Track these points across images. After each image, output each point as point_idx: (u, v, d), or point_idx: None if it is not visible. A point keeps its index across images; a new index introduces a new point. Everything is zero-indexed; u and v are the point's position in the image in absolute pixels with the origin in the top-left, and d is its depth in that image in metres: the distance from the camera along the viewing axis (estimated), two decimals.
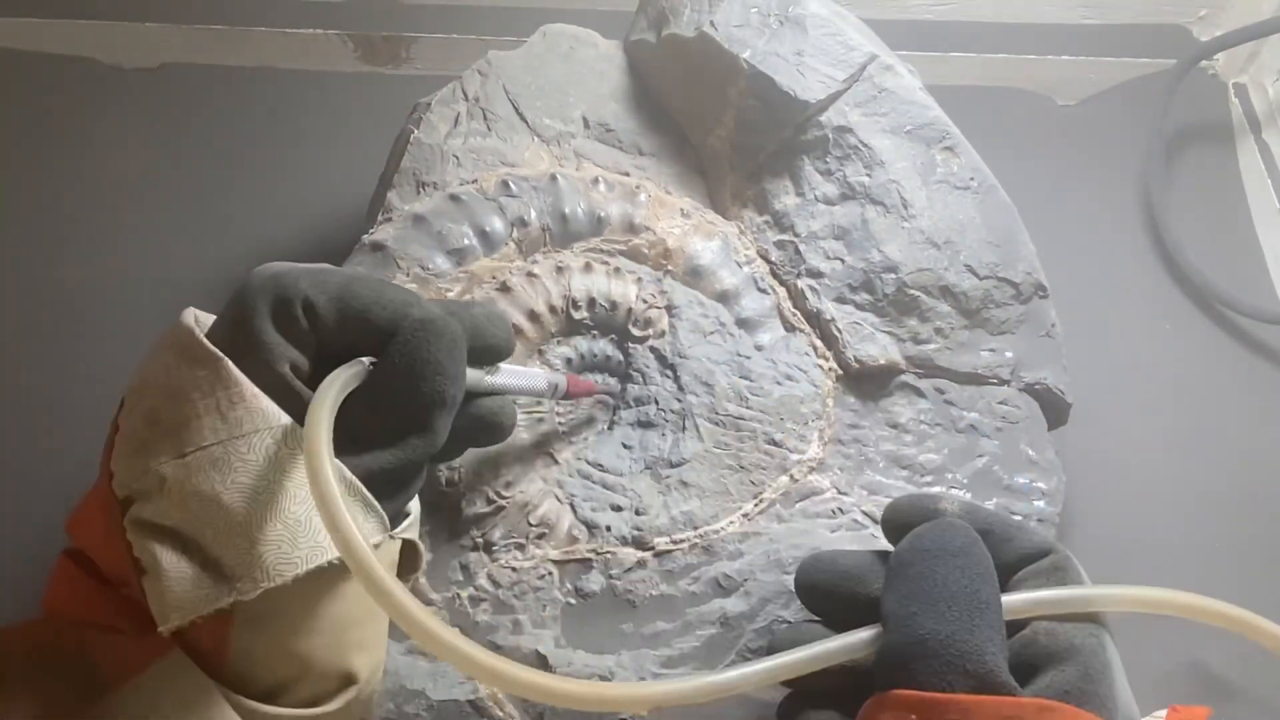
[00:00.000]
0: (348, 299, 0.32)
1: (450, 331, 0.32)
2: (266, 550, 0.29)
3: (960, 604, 0.30)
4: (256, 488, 0.29)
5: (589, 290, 0.45)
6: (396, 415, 0.32)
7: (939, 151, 0.47)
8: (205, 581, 0.29)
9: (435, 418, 0.32)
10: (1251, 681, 0.46)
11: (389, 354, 0.32)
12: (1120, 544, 0.49)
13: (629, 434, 0.44)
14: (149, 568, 0.29)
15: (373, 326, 0.32)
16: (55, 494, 0.49)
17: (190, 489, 0.29)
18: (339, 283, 0.32)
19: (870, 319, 0.45)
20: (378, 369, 0.32)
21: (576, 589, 0.41)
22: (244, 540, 0.29)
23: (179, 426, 0.30)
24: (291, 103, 0.64)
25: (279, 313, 0.31)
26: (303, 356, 0.32)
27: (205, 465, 0.29)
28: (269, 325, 0.31)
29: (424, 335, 0.32)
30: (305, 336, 0.32)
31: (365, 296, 0.32)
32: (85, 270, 0.58)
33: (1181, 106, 0.61)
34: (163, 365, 0.31)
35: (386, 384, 0.32)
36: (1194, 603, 0.33)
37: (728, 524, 0.42)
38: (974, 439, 0.44)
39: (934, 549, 0.31)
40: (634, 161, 0.49)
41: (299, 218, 0.60)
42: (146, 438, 0.30)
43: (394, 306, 0.32)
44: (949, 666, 0.29)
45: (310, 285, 0.31)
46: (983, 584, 0.31)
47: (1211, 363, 0.55)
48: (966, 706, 0.28)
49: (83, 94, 0.65)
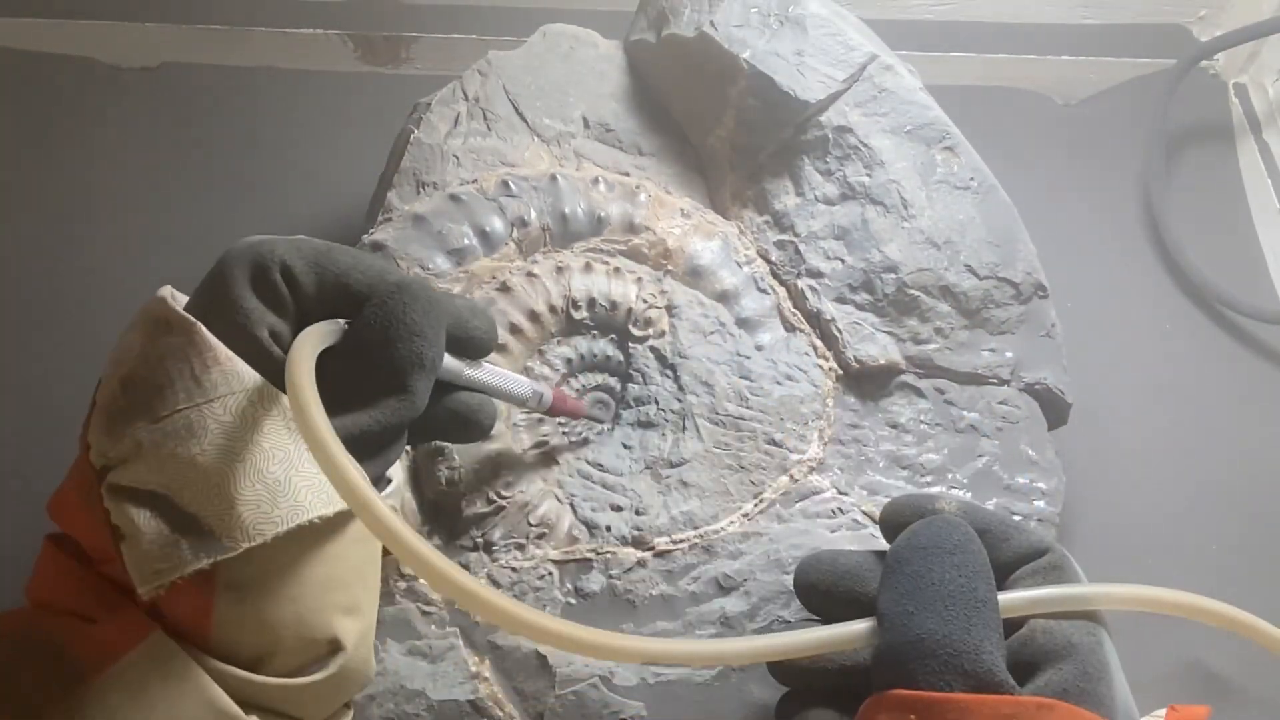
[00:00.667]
0: (326, 264, 0.32)
1: (426, 294, 0.32)
2: (245, 510, 0.29)
3: (957, 603, 0.30)
4: (233, 449, 0.29)
5: (589, 290, 0.45)
6: (373, 377, 0.32)
7: (939, 151, 0.47)
8: (184, 543, 0.28)
9: (413, 379, 0.32)
10: (1251, 681, 0.46)
11: (365, 315, 0.32)
12: (1120, 544, 0.49)
13: (629, 434, 0.44)
14: (127, 532, 0.28)
15: (351, 292, 0.32)
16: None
17: (166, 452, 0.29)
18: (317, 248, 0.32)
19: (870, 319, 0.45)
20: (353, 329, 0.32)
21: (576, 589, 0.41)
22: (222, 500, 0.29)
23: (153, 393, 0.29)
24: (291, 103, 0.64)
25: (257, 278, 0.31)
26: (282, 322, 0.32)
27: (180, 429, 0.29)
28: (247, 291, 0.31)
29: (400, 297, 0.32)
30: (284, 302, 0.31)
31: (344, 262, 0.32)
32: (85, 270, 0.58)
33: (1181, 106, 0.61)
34: (136, 337, 0.31)
35: (363, 345, 0.32)
36: (1191, 602, 0.33)
37: (728, 524, 0.42)
38: (974, 439, 0.44)
39: (930, 546, 0.31)
40: (634, 161, 0.49)
41: (299, 218, 0.60)
42: (122, 406, 0.30)
43: (372, 271, 0.32)
44: (947, 666, 0.29)
45: (287, 251, 0.31)
46: (979, 582, 0.30)
47: (1211, 363, 0.55)
48: (965, 706, 0.28)
49: (83, 94, 0.65)
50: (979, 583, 0.30)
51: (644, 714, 0.38)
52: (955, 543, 0.31)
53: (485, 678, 0.39)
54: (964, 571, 0.30)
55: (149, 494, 0.29)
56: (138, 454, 0.29)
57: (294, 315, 0.32)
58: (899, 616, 0.30)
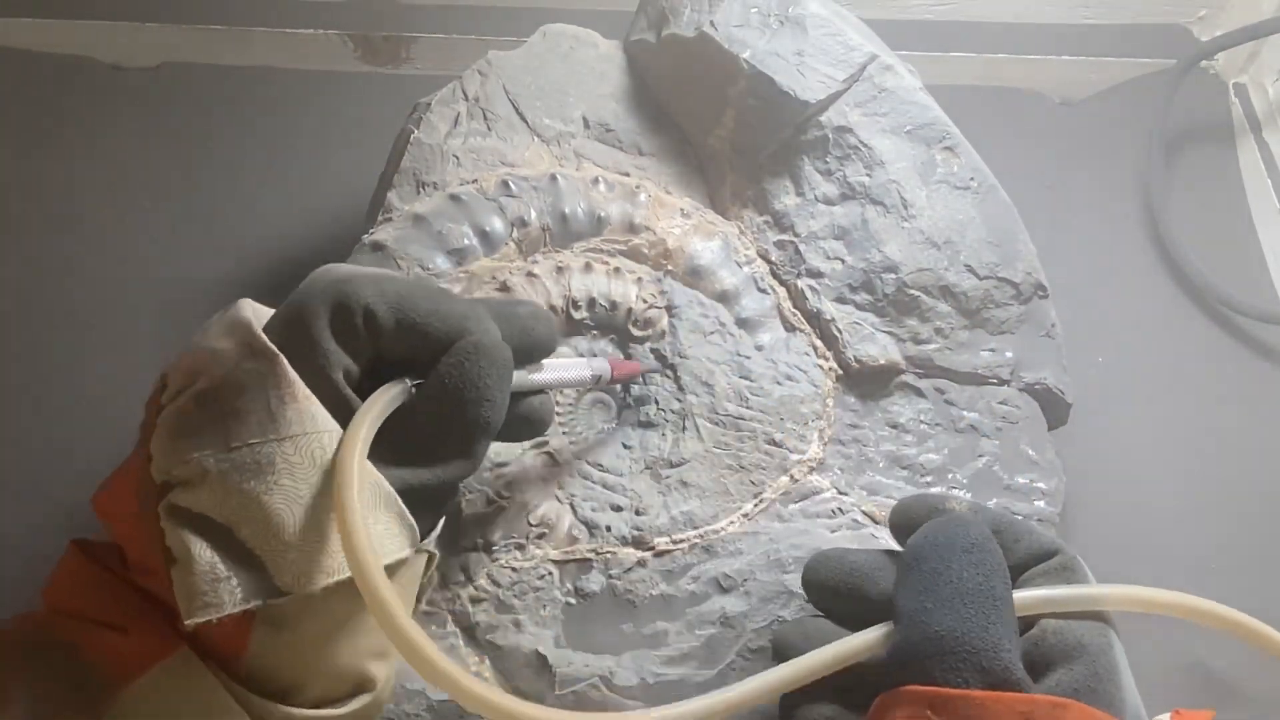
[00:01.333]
0: (407, 309, 0.32)
1: (502, 359, 0.32)
2: (299, 556, 0.29)
3: (975, 600, 0.30)
4: (298, 492, 0.29)
5: (589, 290, 0.45)
6: (440, 436, 0.32)
7: (939, 151, 0.47)
8: (236, 580, 0.28)
9: (477, 444, 0.33)
10: (1256, 684, 0.45)
11: (440, 372, 0.32)
12: (1120, 544, 0.49)
13: (629, 434, 0.44)
14: (180, 557, 0.28)
15: (430, 339, 0.32)
16: (53, 491, 0.49)
17: (232, 485, 0.29)
18: (400, 292, 0.32)
19: (870, 319, 0.45)
20: (428, 384, 0.32)
21: (576, 589, 0.41)
22: (278, 543, 0.29)
23: (226, 417, 0.29)
24: (291, 103, 0.64)
25: (338, 319, 0.31)
26: (354, 364, 0.32)
27: (249, 462, 0.29)
28: (327, 331, 0.31)
29: (478, 361, 0.32)
30: (362, 345, 0.32)
31: (424, 307, 0.32)
32: (85, 269, 0.58)
33: (1181, 107, 0.61)
34: (216, 352, 0.30)
35: (434, 404, 0.32)
36: (1202, 607, 0.33)
37: (728, 524, 0.42)
38: (974, 439, 0.44)
39: (946, 544, 0.31)
40: (634, 161, 0.49)
41: (299, 218, 0.60)
42: (192, 424, 0.30)
43: (452, 320, 0.32)
44: (965, 663, 0.29)
45: (372, 294, 0.31)
46: (996, 580, 0.30)
47: (1211, 363, 0.55)
48: (982, 702, 0.28)
49: (83, 93, 0.65)
50: (996, 581, 0.30)
51: None
52: (972, 541, 0.31)
53: (485, 678, 0.39)
54: (981, 570, 0.30)
55: (209, 522, 0.29)
56: (203, 480, 0.29)
57: (368, 356, 0.32)
58: (916, 613, 0.30)
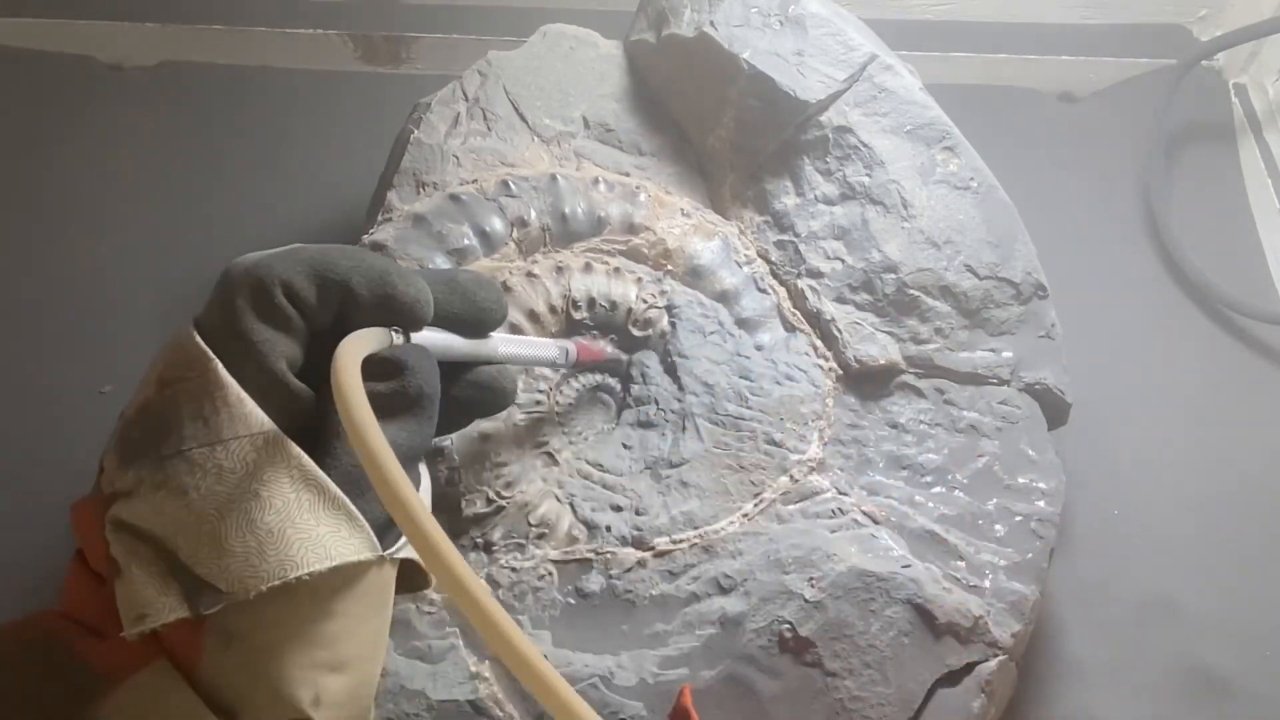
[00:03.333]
0: (326, 272, 0.31)
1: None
2: (234, 562, 0.28)
3: None
4: (230, 496, 0.28)
5: (589, 290, 0.45)
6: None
7: (939, 151, 0.47)
8: (170, 589, 0.28)
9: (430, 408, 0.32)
10: (1257, 684, 0.45)
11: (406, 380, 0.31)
12: (1120, 544, 0.49)
13: (629, 434, 0.44)
14: (122, 569, 0.28)
15: (357, 297, 0.31)
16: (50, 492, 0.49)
17: (164, 494, 0.28)
18: (313, 256, 0.31)
19: (870, 319, 0.45)
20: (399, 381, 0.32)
21: (576, 589, 0.41)
22: (212, 550, 0.28)
23: (162, 427, 0.29)
24: (291, 103, 0.64)
25: (261, 304, 0.30)
26: (294, 345, 0.31)
27: (181, 470, 0.28)
28: (254, 321, 0.30)
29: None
30: (293, 322, 0.31)
31: (344, 265, 0.31)
32: (84, 269, 0.58)
33: (1182, 106, 0.61)
34: (162, 359, 0.30)
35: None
36: None
37: (727, 524, 0.42)
38: (974, 439, 0.44)
39: None
40: (634, 161, 0.49)
41: (299, 218, 0.60)
42: (134, 435, 0.29)
43: (374, 274, 0.31)
44: None
45: (285, 267, 0.30)
46: None
47: (1211, 363, 0.55)
48: None
49: (83, 93, 0.65)
50: None
51: (644, 714, 0.38)
52: None
53: (485, 678, 0.39)
54: None
55: (145, 534, 0.28)
56: (138, 491, 0.29)
57: (304, 331, 0.31)
58: None
